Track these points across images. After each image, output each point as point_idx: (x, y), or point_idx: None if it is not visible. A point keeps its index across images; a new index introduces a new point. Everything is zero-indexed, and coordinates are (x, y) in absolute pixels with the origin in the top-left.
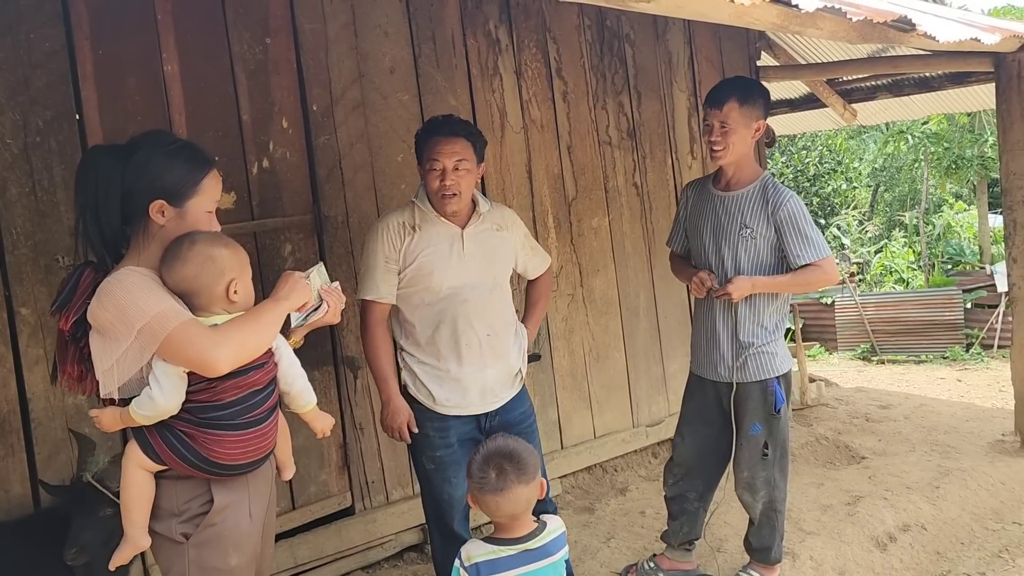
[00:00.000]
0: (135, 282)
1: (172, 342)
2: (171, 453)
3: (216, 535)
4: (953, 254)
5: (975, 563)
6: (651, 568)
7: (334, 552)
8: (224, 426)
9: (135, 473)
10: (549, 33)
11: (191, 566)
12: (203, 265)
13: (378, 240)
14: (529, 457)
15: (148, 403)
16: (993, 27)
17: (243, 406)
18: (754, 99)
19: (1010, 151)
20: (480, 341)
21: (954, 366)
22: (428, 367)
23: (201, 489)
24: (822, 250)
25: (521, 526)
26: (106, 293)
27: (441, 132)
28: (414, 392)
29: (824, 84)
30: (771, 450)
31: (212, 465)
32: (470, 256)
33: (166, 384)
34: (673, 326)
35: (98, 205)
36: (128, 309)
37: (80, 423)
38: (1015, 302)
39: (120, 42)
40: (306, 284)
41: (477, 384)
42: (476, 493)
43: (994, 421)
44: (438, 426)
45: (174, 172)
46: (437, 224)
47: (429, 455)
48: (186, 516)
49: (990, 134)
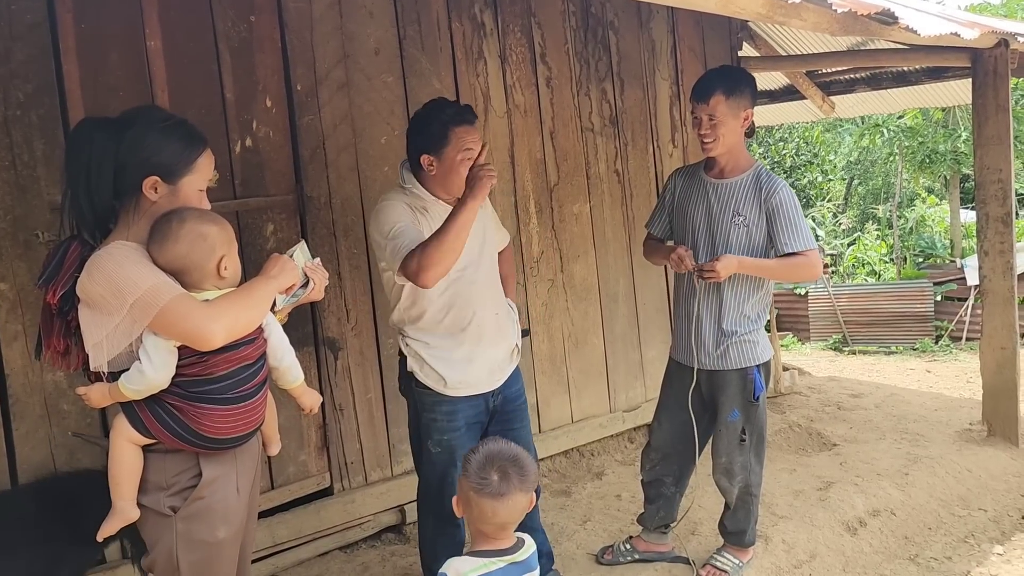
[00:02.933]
0: (127, 256)
1: (166, 315)
2: (160, 427)
3: (204, 508)
4: (925, 247)
5: (942, 548)
6: (627, 550)
7: (313, 532)
8: (214, 400)
9: (123, 447)
10: (534, 18)
11: (179, 539)
12: (194, 243)
13: (397, 209)
14: (532, 465)
15: (138, 377)
16: (972, 23)
17: (233, 380)
18: (741, 89)
19: (984, 145)
20: (489, 321)
21: (924, 357)
22: (438, 351)
23: (190, 463)
24: (809, 241)
25: (506, 538)
26: (97, 267)
27: (469, 120)
28: (422, 378)
29: (804, 76)
30: (748, 436)
31: (201, 439)
32: (469, 237)
33: (157, 358)
34: (651, 313)
35: (90, 178)
36: (120, 282)
37: (59, 399)
38: (985, 294)
39: (103, 16)
40: (294, 265)
41: (487, 363)
42: (472, 495)
43: (962, 411)
44: (447, 410)
45: (170, 149)
46: (437, 207)
47: (436, 439)
48: (174, 489)
49: (963, 129)
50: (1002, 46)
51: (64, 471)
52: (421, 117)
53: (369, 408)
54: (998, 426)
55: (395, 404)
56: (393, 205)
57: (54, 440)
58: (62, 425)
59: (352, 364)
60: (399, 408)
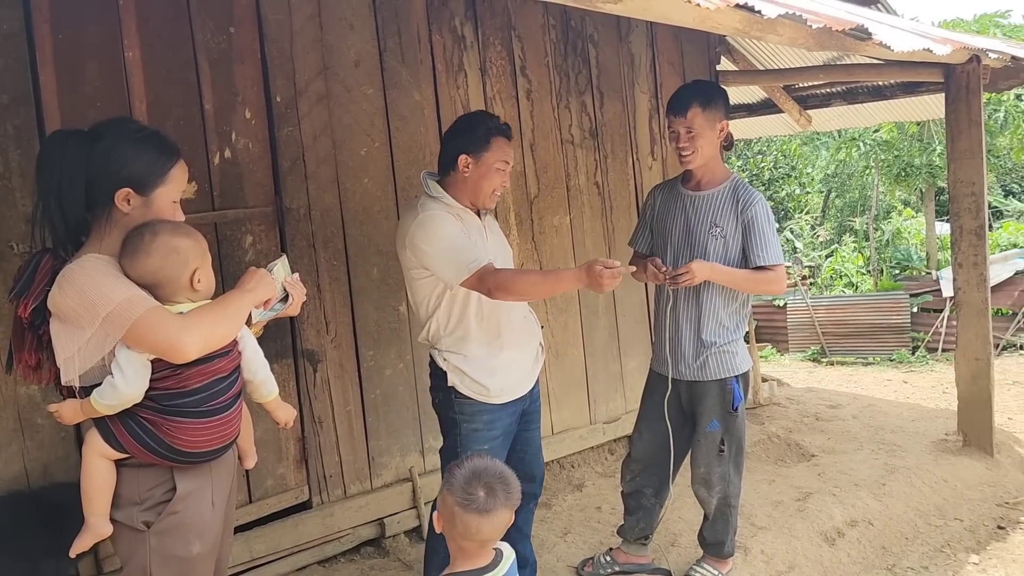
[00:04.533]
0: (97, 268)
1: (140, 328)
2: (134, 441)
3: (178, 523)
4: (901, 259)
5: (919, 557)
6: (607, 562)
7: (291, 546)
8: (188, 413)
9: (96, 462)
10: (514, 31)
11: (152, 554)
12: (167, 257)
13: (446, 220)
14: (515, 483)
15: (111, 392)
16: (944, 39)
17: (208, 393)
18: (716, 102)
19: (958, 159)
20: (519, 325)
21: (900, 368)
22: (477, 361)
23: (164, 477)
24: (778, 257)
25: (485, 555)
26: (68, 280)
27: (509, 136)
28: (464, 390)
29: (781, 90)
30: (727, 447)
31: (176, 453)
32: (493, 243)
33: (130, 371)
34: (631, 324)
35: (62, 190)
36: (92, 296)
37: (32, 412)
38: (960, 306)
39: (80, 26)
40: (272, 279)
41: (523, 365)
42: (457, 510)
43: (938, 421)
44: (488, 419)
45: (142, 160)
46: (467, 214)
47: (476, 449)
48: (148, 504)
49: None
50: (974, 62)
51: (39, 484)
52: (467, 120)
53: (348, 420)
54: (973, 436)
55: (374, 417)
56: (441, 216)
57: (28, 454)
58: (36, 439)
59: (331, 376)
60: (378, 421)
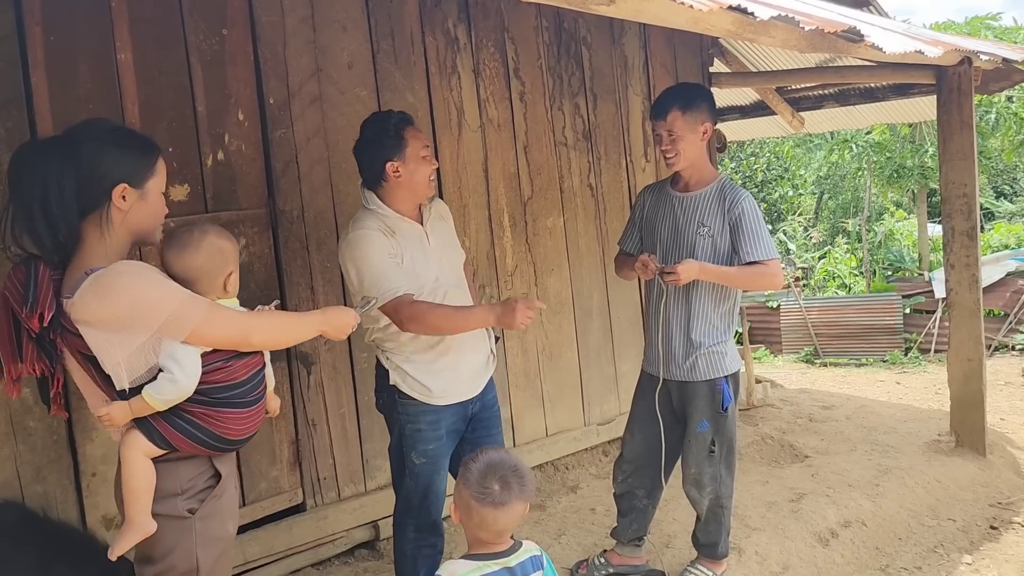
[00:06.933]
0: (141, 274)
1: (206, 326)
2: (181, 436)
3: (219, 507)
4: (893, 261)
5: (912, 558)
6: (601, 563)
7: (285, 549)
8: (237, 403)
9: (140, 461)
10: (507, 33)
11: (198, 538)
12: (213, 256)
13: (372, 242)
14: (530, 474)
15: (171, 387)
16: (936, 41)
17: (251, 384)
18: (696, 104)
19: (949, 161)
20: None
21: (893, 369)
22: (421, 362)
23: (204, 466)
24: (770, 251)
25: (502, 541)
26: (107, 288)
27: (412, 122)
28: (407, 389)
29: (774, 92)
30: (718, 447)
31: (224, 442)
32: (436, 249)
33: (188, 366)
34: (625, 326)
35: (49, 201)
36: (144, 303)
37: (24, 416)
38: (952, 307)
39: (72, 28)
40: (354, 324)
41: (468, 370)
42: (473, 504)
43: (931, 422)
44: (431, 419)
45: (130, 155)
46: (404, 224)
47: (421, 449)
48: (190, 493)
49: (930, 145)
50: (965, 64)
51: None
52: (373, 127)
53: (342, 423)
54: (966, 437)
55: (368, 419)
56: (368, 236)
57: (20, 457)
58: (28, 442)
59: (325, 379)
60: (372, 423)
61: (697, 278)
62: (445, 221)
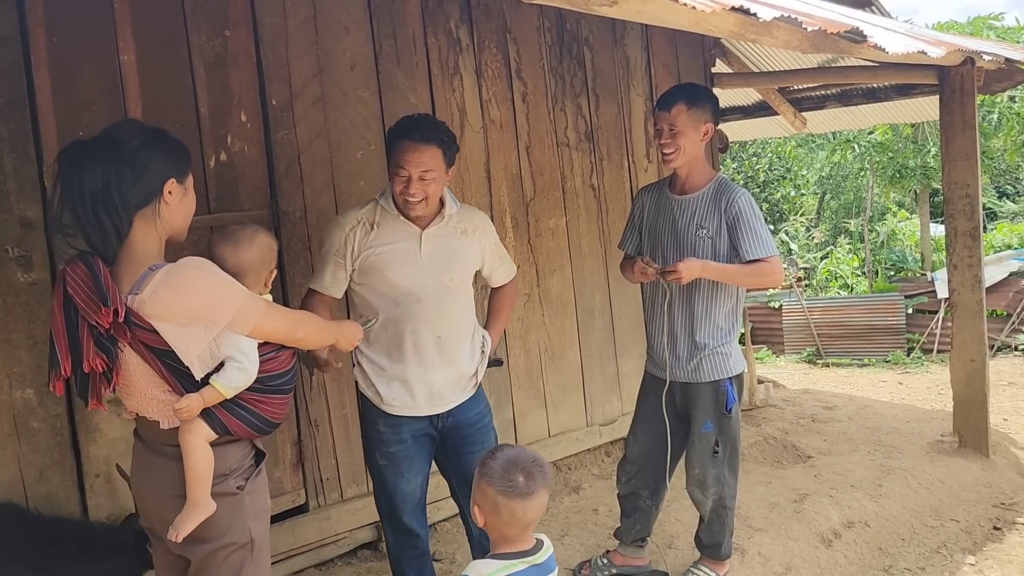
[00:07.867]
0: (213, 269)
1: (265, 321)
2: (239, 421)
3: (261, 481)
4: (896, 261)
5: (915, 558)
6: (604, 564)
7: (288, 549)
8: (284, 390)
9: (202, 447)
10: (509, 34)
11: (248, 511)
12: (264, 253)
13: (332, 234)
14: (547, 463)
15: (240, 376)
16: (938, 41)
17: (293, 372)
18: (702, 103)
19: (952, 161)
20: (428, 344)
21: (896, 369)
22: (376, 367)
23: (247, 447)
24: (770, 248)
25: (527, 539)
26: (185, 282)
27: (411, 137)
28: (363, 389)
29: (776, 92)
30: (721, 448)
31: (270, 425)
32: (427, 258)
33: (252, 356)
34: (627, 326)
35: (110, 197)
36: (220, 296)
37: (28, 417)
38: (955, 307)
39: (75, 30)
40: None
41: (424, 386)
42: (500, 499)
43: (934, 422)
44: (390, 422)
45: (174, 151)
46: (397, 223)
47: (382, 451)
48: (239, 472)
49: (932, 145)
50: (968, 64)
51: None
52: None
53: (345, 424)
54: (969, 437)
55: None
56: (337, 223)
57: (23, 458)
58: (31, 443)
59: (327, 380)
60: None
61: (699, 276)
62: (470, 235)
